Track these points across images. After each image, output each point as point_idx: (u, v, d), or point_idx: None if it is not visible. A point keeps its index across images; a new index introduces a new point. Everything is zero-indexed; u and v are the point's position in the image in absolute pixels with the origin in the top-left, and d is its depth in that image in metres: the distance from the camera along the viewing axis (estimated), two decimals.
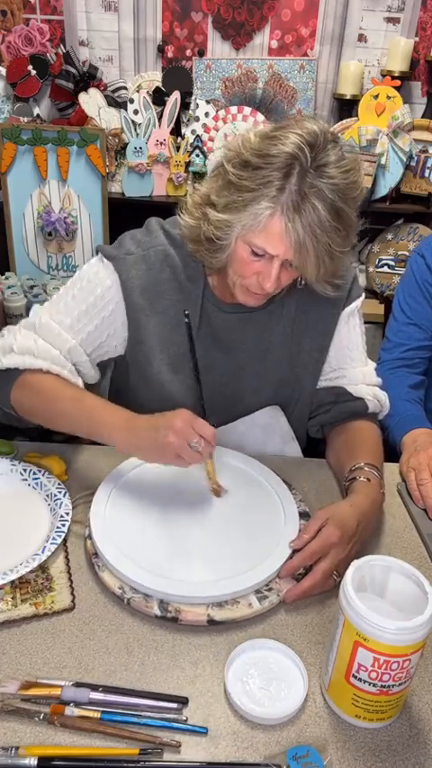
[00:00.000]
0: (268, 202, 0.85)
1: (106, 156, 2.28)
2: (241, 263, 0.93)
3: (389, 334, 1.44)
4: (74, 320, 1.01)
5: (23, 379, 0.98)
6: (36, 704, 0.68)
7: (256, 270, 0.92)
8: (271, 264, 0.90)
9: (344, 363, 1.12)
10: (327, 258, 0.88)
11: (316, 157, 0.84)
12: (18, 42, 2.30)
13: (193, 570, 0.83)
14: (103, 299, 1.02)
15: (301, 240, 0.85)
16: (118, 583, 0.81)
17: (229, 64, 2.39)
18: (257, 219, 0.86)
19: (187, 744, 0.66)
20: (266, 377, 1.10)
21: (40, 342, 0.99)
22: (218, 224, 0.91)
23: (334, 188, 0.84)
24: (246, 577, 0.82)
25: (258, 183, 0.85)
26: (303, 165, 0.83)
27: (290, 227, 0.84)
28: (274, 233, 0.86)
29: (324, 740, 0.67)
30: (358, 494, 0.93)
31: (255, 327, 1.07)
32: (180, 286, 1.04)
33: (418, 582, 0.67)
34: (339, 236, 0.87)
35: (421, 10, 2.32)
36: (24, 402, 0.98)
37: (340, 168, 0.85)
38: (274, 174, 0.84)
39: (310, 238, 0.85)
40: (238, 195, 0.88)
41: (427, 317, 1.39)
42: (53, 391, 0.96)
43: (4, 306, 2.19)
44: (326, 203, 0.84)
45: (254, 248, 0.90)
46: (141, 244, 1.04)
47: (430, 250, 1.40)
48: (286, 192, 0.84)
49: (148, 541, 0.87)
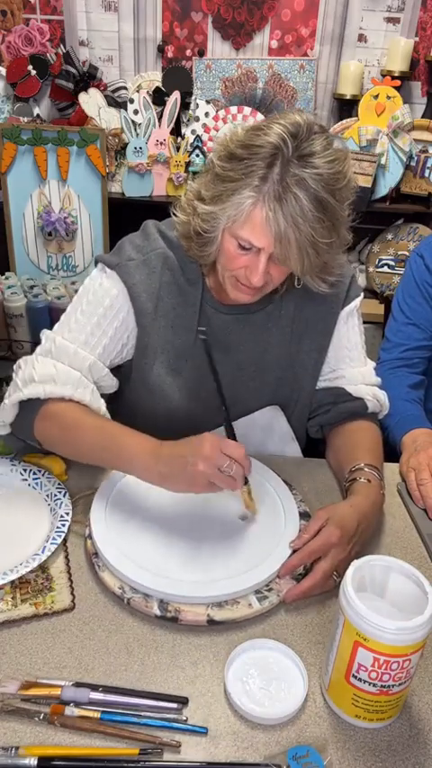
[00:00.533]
0: (251, 192, 0.84)
1: (106, 156, 2.29)
2: (229, 257, 0.93)
3: (388, 335, 1.44)
4: (88, 336, 1.00)
5: (46, 409, 0.95)
6: (36, 704, 0.68)
7: (244, 263, 0.92)
8: (258, 258, 0.90)
9: (343, 363, 1.12)
10: (310, 250, 0.87)
11: (299, 147, 0.83)
12: (18, 42, 2.30)
13: (192, 570, 0.83)
14: (113, 309, 1.01)
15: (282, 231, 0.84)
16: (118, 583, 0.81)
17: (229, 64, 2.39)
18: (240, 209, 0.86)
19: (187, 744, 0.66)
20: (265, 377, 1.10)
21: (60, 366, 0.96)
22: (204, 216, 0.91)
23: (318, 178, 0.83)
24: (245, 577, 0.82)
25: (242, 173, 0.85)
26: (285, 155, 0.83)
27: (271, 217, 0.84)
28: (256, 223, 0.86)
29: (324, 740, 0.67)
30: (358, 495, 0.93)
31: (253, 328, 1.07)
32: (180, 288, 1.04)
33: (418, 582, 0.67)
34: (324, 228, 0.86)
35: (421, 10, 2.32)
36: (47, 433, 0.96)
37: (325, 158, 0.84)
38: (257, 163, 0.84)
39: (292, 229, 0.84)
40: (222, 186, 0.88)
41: (427, 317, 1.39)
42: (76, 421, 0.93)
43: (4, 306, 2.20)
44: (309, 193, 0.83)
45: (240, 241, 0.89)
46: (141, 249, 1.04)
47: (429, 250, 1.40)
48: (269, 181, 0.84)
49: (148, 541, 0.87)
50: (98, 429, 0.92)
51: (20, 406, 0.96)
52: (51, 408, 0.94)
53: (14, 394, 0.95)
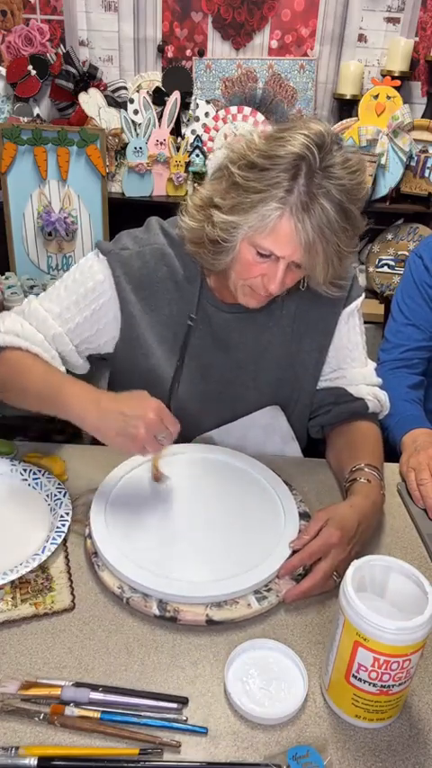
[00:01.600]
0: (277, 203, 0.84)
1: (106, 156, 2.28)
2: (246, 265, 0.93)
3: (388, 335, 1.44)
4: (63, 309, 1.03)
5: (4, 354, 0.99)
6: (36, 704, 0.68)
7: (262, 272, 0.92)
8: (277, 266, 0.90)
9: (344, 363, 1.12)
10: (336, 259, 0.89)
11: (324, 158, 0.84)
12: (18, 42, 2.30)
13: (192, 570, 0.83)
14: (95, 292, 1.03)
15: (310, 241, 0.85)
16: (117, 582, 0.82)
17: (229, 64, 2.39)
18: (265, 221, 0.86)
19: (187, 744, 0.66)
20: (266, 376, 1.10)
21: (26, 325, 1.02)
22: (223, 226, 0.90)
23: (342, 188, 0.85)
24: (245, 578, 0.82)
25: (266, 184, 0.85)
26: (312, 166, 0.83)
27: (299, 228, 0.85)
28: (282, 234, 0.86)
29: (324, 740, 0.67)
30: (358, 495, 0.93)
31: (254, 327, 1.07)
32: (177, 285, 1.04)
33: (418, 582, 0.67)
34: (347, 237, 0.88)
35: (421, 10, 2.32)
36: (3, 375, 0.99)
37: (347, 169, 0.85)
38: (281, 174, 0.84)
39: (319, 239, 0.85)
40: (245, 197, 0.87)
41: (426, 317, 1.39)
42: (26, 366, 0.97)
43: (4, 306, 2.19)
44: (334, 204, 0.84)
45: (260, 250, 0.89)
46: (138, 241, 1.05)
47: (428, 251, 1.40)
48: (295, 192, 0.84)
49: (147, 541, 0.87)
50: (45, 373, 0.96)
51: None
52: (8, 354, 0.99)
53: None
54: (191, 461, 1.04)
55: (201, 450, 1.07)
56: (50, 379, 0.95)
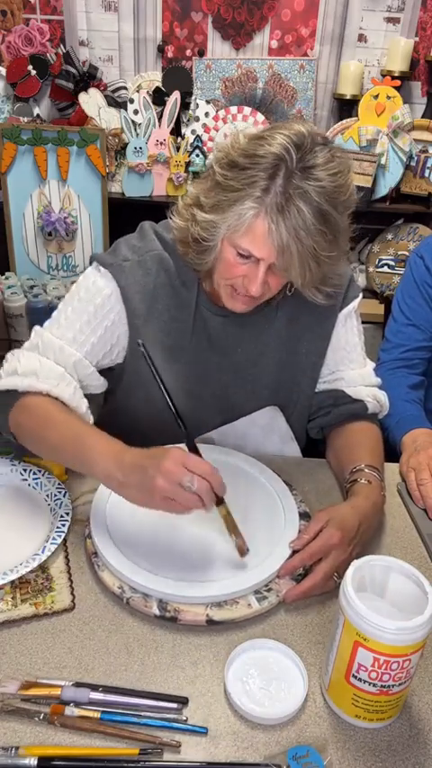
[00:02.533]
0: (252, 203, 0.84)
1: (106, 156, 2.29)
2: (227, 266, 0.92)
3: (388, 335, 1.44)
4: (76, 332, 0.99)
5: (23, 402, 0.93)
6: (36, 704, 0.68)
7: (242, 272, 0.92)
8: (257, 268, 0.90)
9: (342, 365, 1.12)
10: (312, 263, 0.87)
11: (302, 158, 0.83)
12: (18, 42, 2.30)
13: (192, 570, 0.83)
14: (104, 308, 1.00)
15: (284, 243, 0.84)
16: (117, 582, 0.81)
17: (229, 64, 2.39)
18: (241, 220, 0.86)
19: (187, 744, 0.66)
20: (262, 380, 1.10)
21: (44, 361, 0.96)
22: (204, 225, 0.91)
23: (321, 191, 0.83)
24: (245, 578, 0.82)
25: (243, 183, 0.84)
26: (289, 167, 0.82)
27: (273, 230, 0.83)
28: (258, 234, 0.85)
29: (324, 740, 0.67)
30: (359, 496, 0.93)
31: (250, 330, 1.07)
32: (174, 291, 1.04)
33: (418, 582, 0.67)
34: (326, 241, 0.85)
35: (421, 10, 2.32)
36: (21, 426, 0.94)
37: (328, 171, 0.84)
38: (259, 174, 0.83)
39: (294, 241, 0.84)
40: (223, 195, 0.87)
41: (427, 317, 1.39)
42: (47, 415, 0.91)
43: (4, 306, 2.20)
44: (312, 206, 0.83)
45: (239, 250, 0.89)
46: (137, 250, 1.03)
47: (429, 251, 1.40)
48: (271, 193, 0.83)
49: (148, 541, 0.87)
50: (65, 423, 0.90)
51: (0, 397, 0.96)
52: (28, 401, 0.93)
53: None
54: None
55: (201, 450, 1.07)
56: (69, 429, 0.88)
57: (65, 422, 0.90)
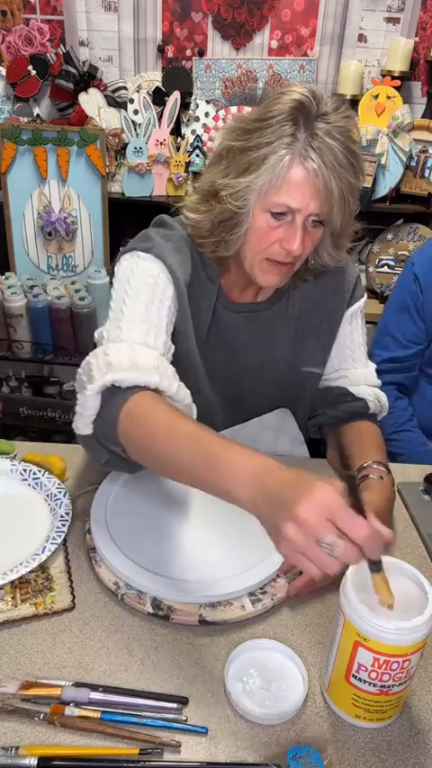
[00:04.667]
0: (285, 149, 0.86)
1: (106, 156, 2.28)
2: (261, 234, 0.92)
3: None
4: (145, 315, 0.91)
5: (129, 408, 0.79)
6: (36, 704, 0.68)
7: (278, 236, 0.91)
8: (293, 225, 0.90)
9: (345, 364, 1.12)
10: (349, 197, 0.89)
11: (318, 105, 0.87)
12: (18, 42, 2.30)
13: (188, 569, 0.83)
14: (159, 287, 0.95)
15: (327, 180, 0.86)
16: (113, 578, 0.82)
17: (229, 64, 2.39)
18: (276, 172, 0.86)
19: (187, 744, 0.66)
20: (270, 375, 1.10)
21: (137, 347, 0.85)
22: (235, 193, 0.89)
23: (341, 129, 0.87)
24: (240, 579, 0.81)
25: (270, 137, 0.86)
26: (311, 111, 0.86)
27: (311, 169, 0.86)
28: (296, 182, 0.87)
29: (324, 740, 0.67)
30: (373, 491, 0.93)
31: (260, 327, 1.08)
32: (200, 281, 1.03)
33: (418, 582, 0.67)
34: (355, 173, 0.89)
35: (421, 10, 2.32)
36: (131, 436, 0.79)
37: (340, 114, 0.88)
38: (284, 124, 0.86)
39: (333, 176, 0.86)
40: (252, 154, 0.88)
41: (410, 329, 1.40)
42: (165, 424, 0.76)
43: (4, 306, 2.19)
44: (339, 141, 0.86)
45: (275, 209, 0.89)
46: (168, 237, 1.00)
47: (421, 257, 1.40)
48: (299, 139, 0.86)
49: (146, 538, 0.87)
50: (190, 438, 0.73)
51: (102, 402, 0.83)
52: (134, 407, 0.79)
53: (94, 383, 0.81)
54: None
55: None
56: (196, 444, 0.72)
57: (187, 434, 0.74)
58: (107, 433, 0.82)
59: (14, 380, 2.49)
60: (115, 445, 0.82)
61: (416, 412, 1.44)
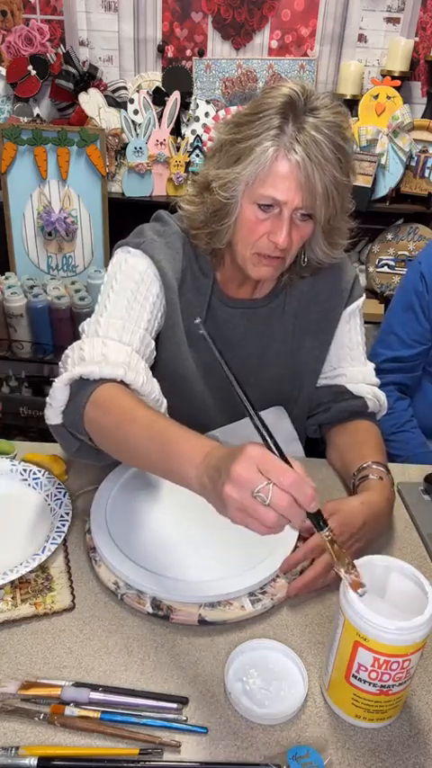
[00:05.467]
0: (270, 141, 0.86)
1: (106, 156, 2.28)
2: (249, 227, 0.93)
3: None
4: (127, 310, 0.95)
5: (96, 397, 0.84)
6: (36, 704, 0.68)
7: (266, 229, 0.92)
8: (280, 218, 0.90)
9: (344, 362, 1.12)
10: (334, 191, 0.89)
11: (308, 100, 0.87)
12: (18, 42, 2.30)
13: (188, 569, 0.83)
14: (144, 283, 0.99)
15: (310, 173, 0.86)
16: (113, 578, 0.82)
17: (229, 64, 2.39)
18: (262, 162, 0.87)
19: (187, 744, 0.66)
20: (267, 372, 1.10)
21: (110, 343, 0.90)
22: (224, 185, 0.91)
23: (330, 124, 0.87)
24: (240, 579, 0.81)
25: (257, 129, 0.87)
26: (299, 106, 0.87)
27: (295, 163, 0.86)
28: (281, 175, 0.87)
29: (324, 740, 0.67)
30: (372, 491, 0.93)
31: (257, 323, 1.08)
32: (194, 275, 1.04)
33: (418, 582, 0.67)
34: (341, 168, 0.89)
35: (421, 10, 2.32)
36: (97, 424, 0.83)
37: (331, 110, 0.89)
38: (272, 116, 0.87)
39: (317, 169, 0.86)
40: (240, 145, 0.89)
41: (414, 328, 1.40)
42: (126, 412, 0.80)
43: (4, 306, 2.20)
44: (326, 136, 0.86)
45: (261, 201, 0.90)
46: (162, 233, 1.04)
47: (426, 257, 1.40)
48: (286, 132, 0.86)
49: (145, 538, 0.87)
50: (148, 424, 0.77)
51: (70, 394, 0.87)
52: (101, 396, 0.84)
53: (64, 374, 0.86)
54: None
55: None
56: (153, 431, 0.76)
57: (145, 419, 0.78)
58: (75, 422, 0.86)
59: (14, 380, 2.49)
60: (83, 434, 0.86)
61: (418, 412, 1.43)
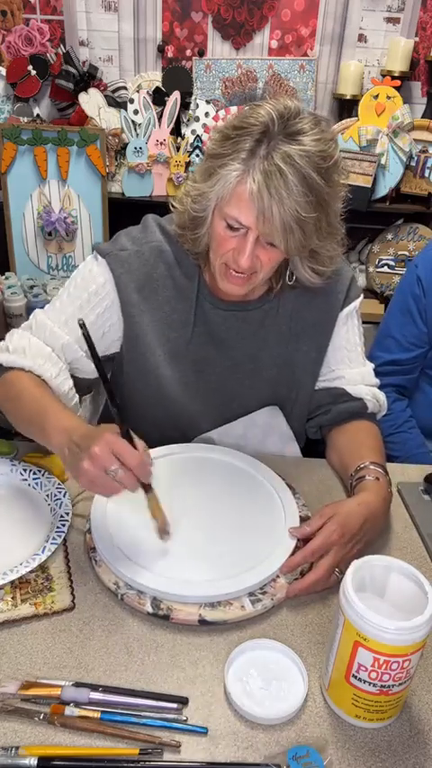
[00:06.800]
0: (237, 164, 0.86)
1: (106, 156, 2.29)
2: (219, 240, 0.94)
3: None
4: (68, 317, 1.03)
5: (6, 376, 0.98)
6: (36, 704, 0.68)
7: (232, 246, 0.93)
8: (245, 239, 0.91)
9: (342, 364, 1.12)
10: (294, 225, 0.86)
11: (287, 125, 0.86)
12: (18, 42, 2.30)
13: (187, 569, 0.83)
14: (97, 296, 1.03)
15: (265, 204, 0.85)
16: (113, 578, 0.82)
17: (229, 64, 2.39)
18: (227, 185, 0.88)
19: (187, 744, 0.66)
20: (261, 375, 1.10)
21: (34, 340, 1.01)
22: (196, 197, 0.94)
23: (303, 154, 0.84)
24: (240, 579, 0.81)
25: (230, 149, 0.87)
26: (272, 131, 0.85)
27: (255, 190, 0.85)
28: (242, 199, 0.87)
29: (324, 740, 0.67)
30: (369, 492, 0.93)
31: (250, 325, 1.07)
32: (175, 282, 1.05)
33: (418, 582, 0.67)
34: (308, 203, 0.86)
35: (421, 10, 2.32)
36: (2, 396, 0.98)
37: (312, 137, 0.86)
38: (246, 139, 0.86)
39: (276, 203, 0.84)
40: (211, 162, 0.90)
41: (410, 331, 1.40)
42: (21, 390, 0.95)
43: (4, 306, 2.20)
44: (294, 168, 0.84)
45: (228, 220, 0.90)
46: (136, 240, 1.05)
47: (423, 261, 1.40)
48: (256, 157, 0.85)
49: (145, 538, 0.87)
50: (35, 400, 0.93)
51: None
52: (10, 376, 0.98)
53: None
54: (191, 461, 1.04)
55: (201, 449, 1.07)
56: (39, 408, 0.91)
57: (37, 397, 0.93)
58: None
59: None
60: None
61: (416, 413, 1.43)
